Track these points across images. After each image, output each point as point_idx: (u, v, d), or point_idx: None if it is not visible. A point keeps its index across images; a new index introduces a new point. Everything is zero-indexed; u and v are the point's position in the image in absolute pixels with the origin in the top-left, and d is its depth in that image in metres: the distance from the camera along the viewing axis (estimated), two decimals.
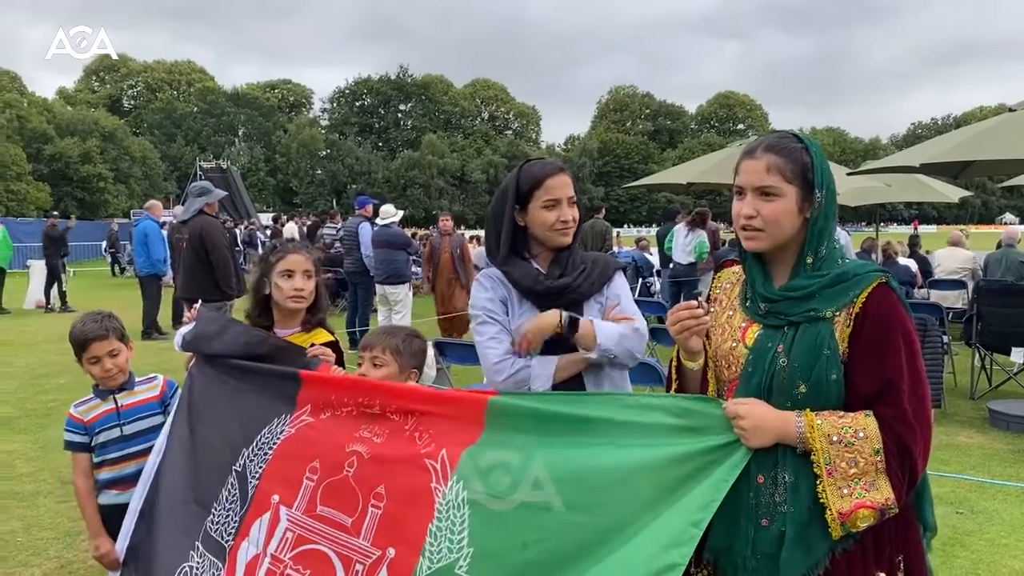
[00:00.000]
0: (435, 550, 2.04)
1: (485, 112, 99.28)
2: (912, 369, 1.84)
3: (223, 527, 2.47)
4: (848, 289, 1.87)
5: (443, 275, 11.00)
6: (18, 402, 8.20)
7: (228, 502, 2.50)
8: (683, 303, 1.99)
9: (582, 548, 1.91)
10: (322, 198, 73.32)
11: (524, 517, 1.99)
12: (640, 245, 16.97)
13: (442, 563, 2.02)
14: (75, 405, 3.13)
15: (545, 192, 2.61)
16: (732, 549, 1.90)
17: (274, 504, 2.40)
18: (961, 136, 8.62)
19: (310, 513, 2.32)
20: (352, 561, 2.19)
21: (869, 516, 1.77)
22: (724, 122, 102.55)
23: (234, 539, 2.43)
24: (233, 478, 2.53)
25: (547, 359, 2.59)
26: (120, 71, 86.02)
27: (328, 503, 2.30)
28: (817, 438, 1.79)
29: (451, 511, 2.07)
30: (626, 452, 1.96)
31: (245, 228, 25.31)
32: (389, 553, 2.14)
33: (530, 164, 2.73)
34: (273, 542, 2.34)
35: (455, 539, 2.03)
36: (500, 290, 2.69)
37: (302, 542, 2.29)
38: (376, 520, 2.20)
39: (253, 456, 2.52)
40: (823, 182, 1.91)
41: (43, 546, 4.57)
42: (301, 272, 2.96)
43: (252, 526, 2.40)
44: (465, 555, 2.00)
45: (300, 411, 2.52)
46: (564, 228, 2.63)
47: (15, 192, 49.04)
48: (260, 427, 2.56)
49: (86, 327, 3.03)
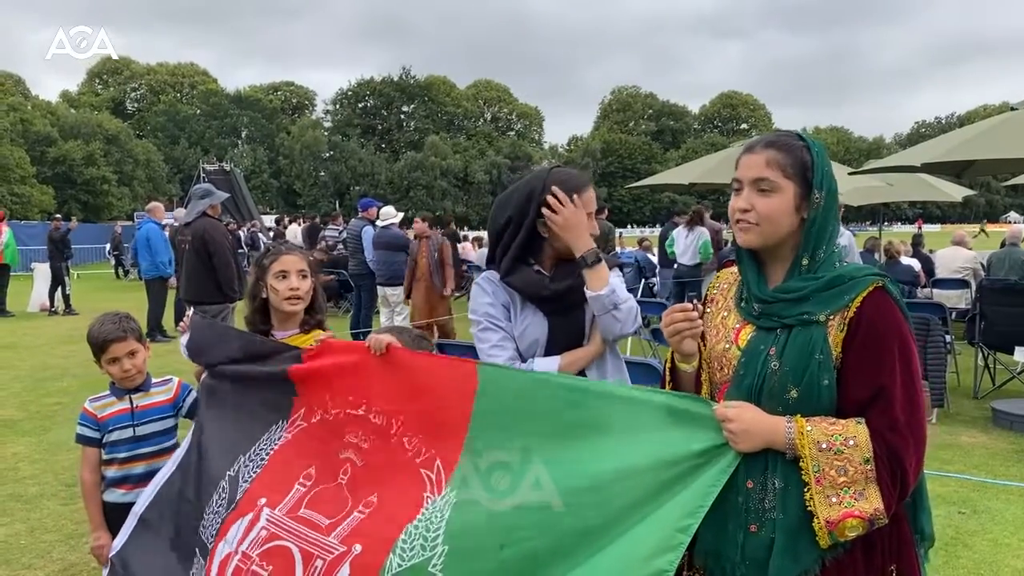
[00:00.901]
0: (407, 547, 2.04)
1: (488, 113, 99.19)
2: (907, 377, 1.79)
3: (209, 529, 2.51)
4: (843, 293, 1.83)
5: (420, 285, 9.78)
6: (22, 404, 8.23)
7: (217, 505, 2.54)
8: (678, 305, 1.95)
9: (563, 550, 1.89)
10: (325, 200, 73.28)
11: (504, 517, 1.98)
12: (643, 246, 16.96)
13: (414, 560, 2.01)
14: (91, 400, 3.16)
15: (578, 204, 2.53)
16: (721, 554, 1.88)
17: (259, 506, 2.41)
18: (964, 135, 8.61)
19: (291, 515, 2.34)
20: (313, 556, 2.19)
21: (858, 526, 1.73)
22: (727, 122, 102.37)
23: (214, 539, 2.46)
24: (225, 482, 2.56)
25: (550, 359, 2.56)
26: (123, 74, 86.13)
27: (313, 507, 2.32)
28: (806, 445, 1.76)
29: (433, 513, 2.07)
30: (613, 452, 1.94)
31: (248, 230, 25.31)
32: (355, 549, 2.13)
33: (563, 171, 2.61)
34: (247, 541, 2.35)
35: (429, 536, 2.03)
36: (502, 295, 2.64)
37: (271, 539, 2.31)
38: (356, 522, 2.20)
39: (248, 462, 2.56)
40: (823, 183, 1.87)
41: (46, 549, 4.58)
42: (296, 272, 2.96)
43: (232, 526, 2.42)
44: (439, 553, 1.99)
45: (295, 415, 2.54)
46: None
47: (19, 195, 49.09)
48: (259, 434, 2.59)
49: (104, 328, 3.07)
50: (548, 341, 2.59)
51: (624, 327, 2.53)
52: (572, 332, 2.60)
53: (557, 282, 2.57)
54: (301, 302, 2.97)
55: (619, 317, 2.50)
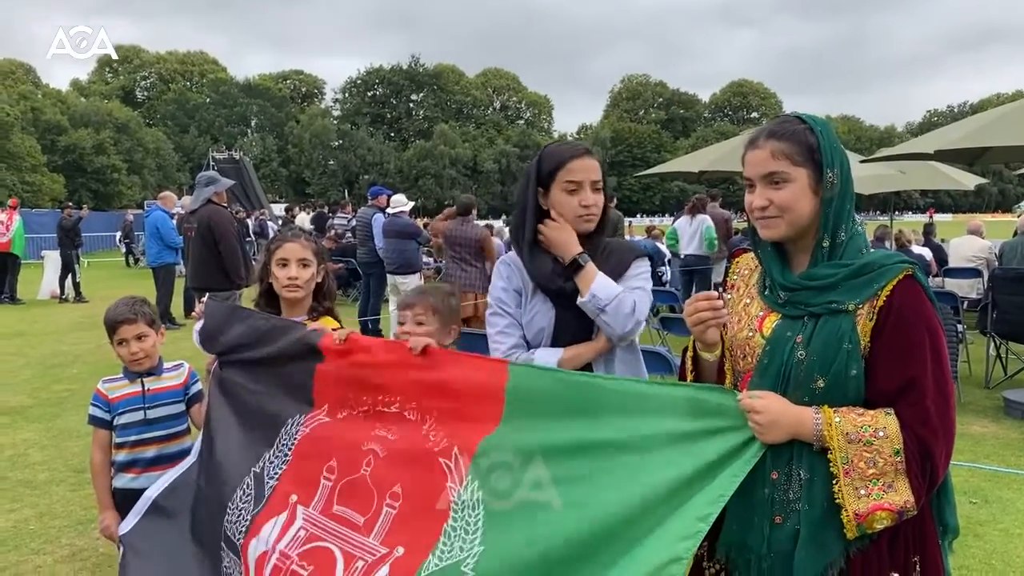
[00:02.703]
0: (447, 549, 2.03)
1: (497, 101, 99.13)
2: (937, 368, 1.76)
3: (236, 526, 2.50)
4: (872, 281, 1.78)
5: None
6: (32, 391, 8.26)
7: (242, 501, 2.53)
8: (702, 293, 1.91)
9: (588, 543, 1.87)
10: (334, 188, 73.41)
11: (530, 514, 1.97)
12: (652, 234, 16.89)
13: (450, 561, 2.01)
14: (104, 381, 3.19)
15: (567, 174, 2.49)
16: (745, 545, 1.85)
17: (291, 504, 2.41)
18: (977, 122, 8.53)
19: (326, 512, 2.33)
20: (355, 558, 2.19)
21: (886, 518, 1.71)
22: (738, 110, 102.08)
23: (244, 536, 2.45)
24: (250, 478, 2.55)
25: (552, 351, 2.52)
26: (133, 62, 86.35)
27: (344, 502, 2.31)
28: (835, 436, 1.73)
29: (465, 511, 2.06)
30: (637, 446, 1.92)
31: (256, 219, 25.35)
32: (396, 552, 2.13)
33: (554, 145, 2.62)
34: (284, 540, 2.35)
35: (468, 538, 2.02)
36: (516, 279, 2.61)
37: (312, 539, 2.30)
38: (390, 519, 2.20)
39: (273, 459, 2.54)
40: (834, 161, 1.82)
41: (55, 534, 4.59)
42: (296, 261, 2.94)
43: (264, 525, 2.41)
44: (474, 554, 1.98)
45: (316, 411, 2.52)
46: (586, 214, 2.51)
47: (30, 183, 49.40)
48: (278, 429, 2.57)
49: (118, 310, 3.12)
50: (554, 331, 2.55)
51: (616, 329, 2.46)
52: (580, 324, 2.54)
53: (569, 276, 2.52)
54: (300, 291, 2.95)
55: (607, 320, 2.45)
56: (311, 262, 2.97)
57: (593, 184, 2.51)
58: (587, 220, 2.53)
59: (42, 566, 4.19)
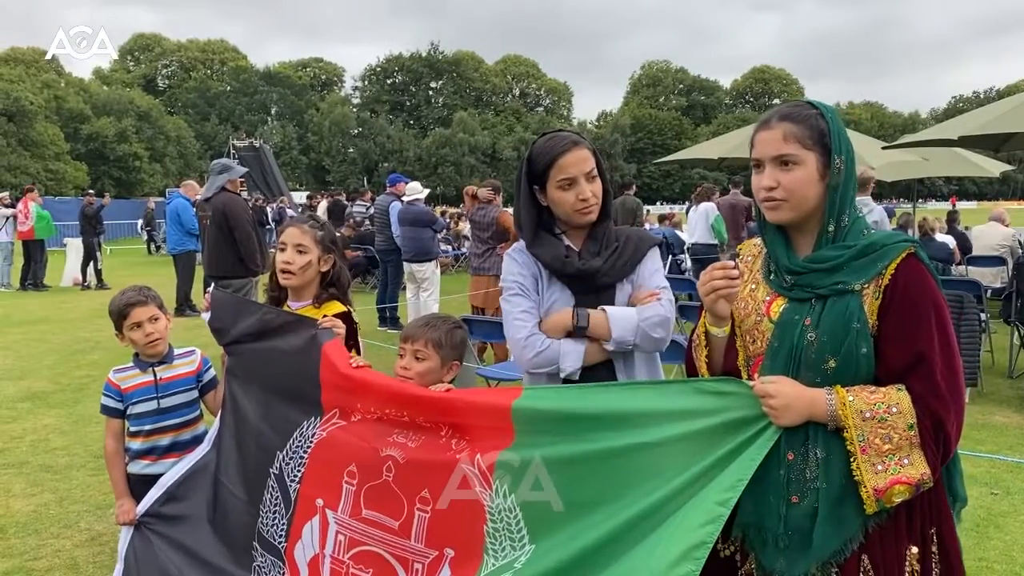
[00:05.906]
0: (498, 548, 2.08)
1: (516, 89, 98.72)
2: (944, 341, 1.80)
3: (273, 529, 2.51)
4: (876, 261, 1.84)
5: None
6: (54, 377, 8.36)
7: (272, 504, 2.54)
8: (719, 263, 1.95)
9: (617, 537, 1.93)
10: (354, 176, 73.55)
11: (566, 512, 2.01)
12: (672, 222, 16.80)
13: (505, 560, 2.06)
14: (115, 371, 3.19)
15: (559, 172, 2.43)
16: (762, 526, 1.89)
17: (319, 508, 2.42)
18: (1003, 107, 8.38)
19: (356, 516, 2.34)
20: (409, 561, 2.22)
21: (904, 491, 1.76)
22: (759, 97, 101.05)
23: (286, 541, 2.46)
24: (272, 481, 2.55)
25: (576, 344, 2.48)
26: (154, 51, 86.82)
27: (372, 507, 2.32)
28: (850, 415, 1.77)
29: (503, 513, 2.10)
30: (656, 444, 1.95)
31: (275, 207, 25.47)
32: (448, 553, 2.16)
33: (542, 141, 2.52)
34: (328, 544, 2.37)
35: (515, 537, 2.07)
36: (532, 267, 2.56)
37: (355, 544, 2.33)
38: (425, 523, 2.22)
39: (288, 460, 2.53)
40: (841, 148, 1.88)
41: (75, 519, 4.65)
42: (292, 246, 2.93)
43: (303, 528, 2.43)
44: (527, 551, 2.04)
45: (329, 414, 2.51)
46: (584, 207, 2.46)
47: (53, 171, 49.95)
48: (291, 430, 2.56)
49: (126, 295, 3.13)
50: None
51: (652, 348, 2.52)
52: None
53: (585, 259, 2.50)
54: (293, 277, 2.94)
55: (644, 348, 2.50)
56: (307, 248, 2.95)
57: (587, 175, 2.46)
58: (587, 213, 2.49)
59: (61, 550, 4.24)
